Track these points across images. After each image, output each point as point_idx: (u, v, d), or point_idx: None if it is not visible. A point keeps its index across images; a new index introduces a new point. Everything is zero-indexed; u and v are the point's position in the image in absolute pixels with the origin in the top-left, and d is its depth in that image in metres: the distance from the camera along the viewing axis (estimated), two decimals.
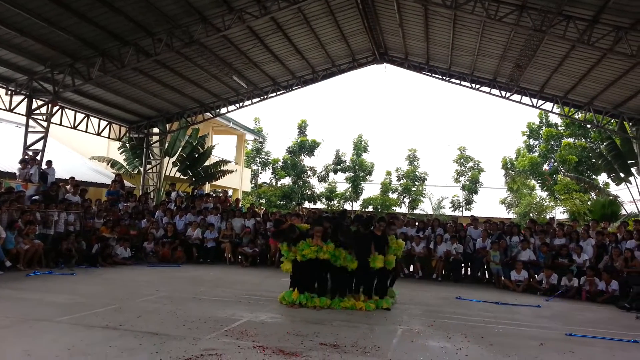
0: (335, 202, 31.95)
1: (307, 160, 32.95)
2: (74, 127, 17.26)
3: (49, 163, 14.59)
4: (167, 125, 20.05)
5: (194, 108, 19.58)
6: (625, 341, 6.81)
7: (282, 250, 8.75)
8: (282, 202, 30.58)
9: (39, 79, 14.11)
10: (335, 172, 32.68)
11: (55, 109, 15.27)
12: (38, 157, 14.31)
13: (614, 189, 23.10)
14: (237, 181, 29.28)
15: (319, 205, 31.30)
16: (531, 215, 24.76)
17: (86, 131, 17.88)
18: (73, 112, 17.06)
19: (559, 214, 26.44)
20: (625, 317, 9.26)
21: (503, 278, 12.55)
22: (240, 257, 14.75)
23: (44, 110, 14.65)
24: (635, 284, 10.53)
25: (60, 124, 16.66)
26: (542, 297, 11.08)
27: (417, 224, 15.01)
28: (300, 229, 8.74)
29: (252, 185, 33.96)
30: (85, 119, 17.65)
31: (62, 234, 12.28)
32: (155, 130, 20.11)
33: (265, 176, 34.84)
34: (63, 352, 4.89)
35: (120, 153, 20.60)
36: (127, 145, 20.18)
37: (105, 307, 7.22)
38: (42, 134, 14.72)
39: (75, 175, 15.56)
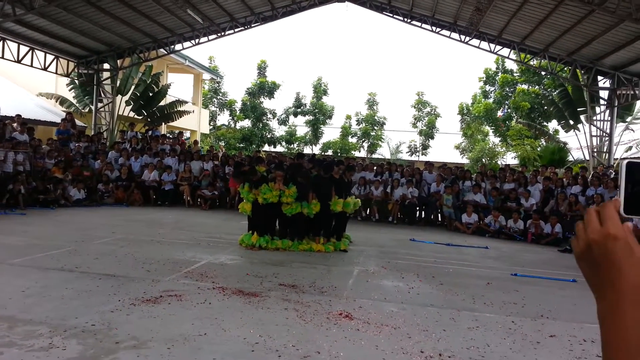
0: (295, 145, 31.81)
1: (266, 103, 32.39)
2: (18, 61, 16.19)
3: None
4: (118, 61, 19.07)
5: (146, 43, 18.62)
6: (565, 280, 7.24)
7: (242, 193, 8.76)
8: (241, 145, 30.19)
9: None
10: (295, 115, 32.27)
11: None
12: None
13: (563, 135, 23.96)
14: (195, 123, 28.52)
15: (279, 149, 31.11)
16: (483, 160, 25.48)
17: (31, 65, 16.81)
18: (16, 44, 15.96)
19: (510, 159, 27.33)
20: (565, 258, 9.88)
21: (455, 221, 13.10)
22: (199, 200, 14.68)
23: None
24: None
25: (2, 57, 15.59)
26: (490, 239, 11.67)
27: (375, 168, 15.30)
28: (260, 171, 8.75)
29: (211, 127, 33.23)
30: (30, 52, 16.56)
31: (11, 174, 11.81)
32: (106, 66, 19.12)
33: (224, 118, 34.12)
34: (17, 294, 4.82)
35: (69, 90, 19.58)
36: (77, 81, 19.18)
37: (59, 249, 7.10)
38: None
39: (21, 113, 14.78)
